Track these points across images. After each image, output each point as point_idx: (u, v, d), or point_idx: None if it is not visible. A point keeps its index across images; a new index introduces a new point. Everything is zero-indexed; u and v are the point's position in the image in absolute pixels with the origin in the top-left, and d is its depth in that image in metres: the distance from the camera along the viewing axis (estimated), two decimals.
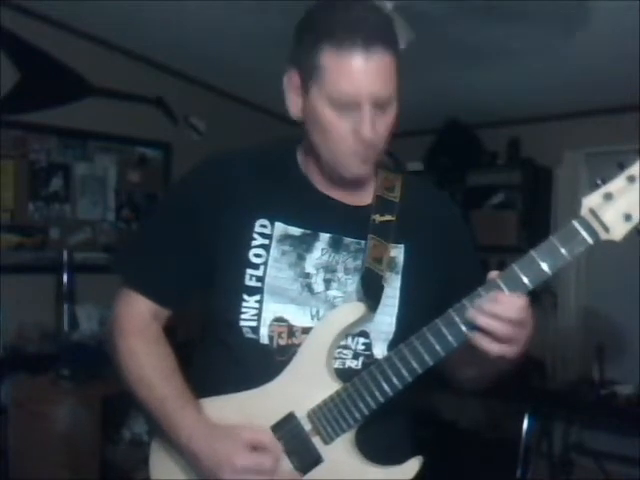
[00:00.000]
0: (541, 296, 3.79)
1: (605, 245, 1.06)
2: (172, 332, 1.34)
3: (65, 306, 3.56)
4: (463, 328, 1.07)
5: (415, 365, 1.10)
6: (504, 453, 3.76)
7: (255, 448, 1.14)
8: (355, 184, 1.22)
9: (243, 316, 1.20)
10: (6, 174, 3.52)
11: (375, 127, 1.10)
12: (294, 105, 1.16)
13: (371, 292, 1.18)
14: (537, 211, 4.23)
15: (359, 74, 1.06)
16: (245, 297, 1.20)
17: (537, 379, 3.73)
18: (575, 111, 3.99)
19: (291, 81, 1.15)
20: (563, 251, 1.04)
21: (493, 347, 1.05)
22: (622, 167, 1.06)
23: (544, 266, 1.05)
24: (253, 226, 1.21)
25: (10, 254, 3.51)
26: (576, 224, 1.04)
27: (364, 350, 1.21)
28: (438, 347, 1.09)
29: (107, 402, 3.18)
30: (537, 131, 4.25)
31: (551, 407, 3.81)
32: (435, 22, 2.98)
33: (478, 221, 3.95)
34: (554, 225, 4.21)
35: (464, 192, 4.32)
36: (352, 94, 1.08)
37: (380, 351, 1.22)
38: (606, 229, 1.03)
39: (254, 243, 1.20)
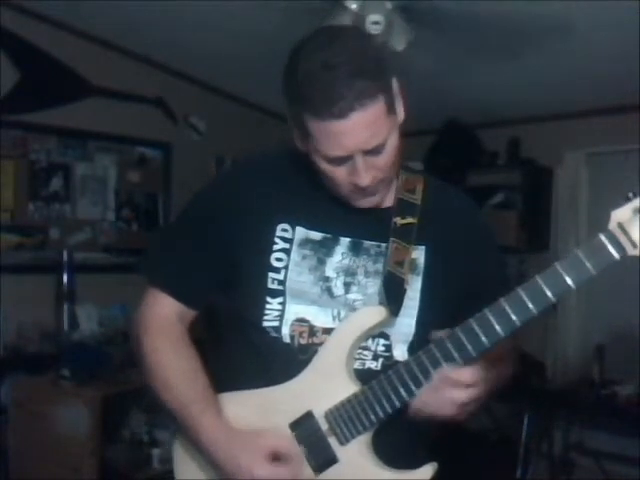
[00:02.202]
0: None
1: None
2: None
3: (65, 306, 3.56)
4: (483, 339, 1.07)
5: (432, 372, 1.11)
6: (504, 453, 3.76)
7: (275, 456, 1.16)
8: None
9: (266, 317, 1.23)
10: (6, 174, 3.51)
11: (372, 167, 1.12)
12: (298, 141, 1.19)
13: (393, 296, 1.19)
14: (537, 211, 4.24)
15: (343, 137, 1.08)
16: (268, 299, 1.23)
17: (537, 379, 3.73)
18: (575, 111, 3.99)
19: (291, 121, 1.17)
20: (588, 265, 1.02)
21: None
22: None
23: (568, 280, 1.03)
24: (275, 230, 1.23)
25: (10, 254, 3.50)
26: (603, 238, 1.01)
27: (384, 351, 1.23)
28: (456, 355, 1.09)
29: (107, 402, 3.18)
30: (537, 131, 4.25)
31: (551, 407, 3.82)
32: (434, 22, 2.98)
33: None
34: (554, 225, 4.22)
35: (464, 192, 4.32)
36: (340, 153, 1.10)
37: (400, 352, 1.23)
38: (634, 244, 1.01)
39: (275, 247, 1.23)
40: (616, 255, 1.01)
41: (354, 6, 2.67)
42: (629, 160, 3.71)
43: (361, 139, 1.08)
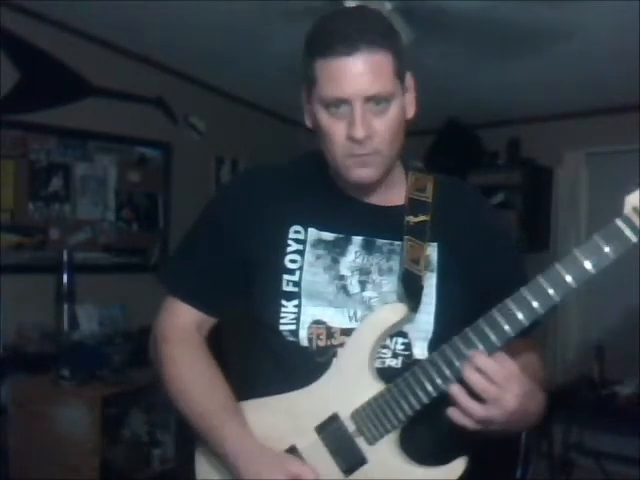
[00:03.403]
0: None
1: None
2: None
3: (65, 306, 3.56)
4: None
5: (459, 365, 1.09)
6: (504, 453, 3.76)
7: None
8: (369, 188, 1.23)
9: (282, 320, 1.23)
10: (6, 174, 3.51)
11: (370, 126, 1.11)
12: (306, 115, 1.21)
13: (411, 293, 1.19)
14: (537, 211, 4.24)
15: (344, 75, 1.09)
16: (284, 302, 1.23)
17: None
18: (575, 111, 3.99)
19: (303, 94, 1.20)
20: (607, 250, 1.02)
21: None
22: None
23: (588, 265, 1.03)
24: (287, 233, 1.24)
25: (10, 254, 3.51)
26: (619, 222, 1.02)
27: (403, 350, 1.22)
28: (480, 345, 1.08)
29: (107, 402, 3.18)
30: (537, 131, 4.25)
31: (551, 407, 3.81)
32: (434, 23, 2.98)
33: None
34: (554, 225, 4.22)
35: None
36: (340, 94, 1.10)
37: (420, 350, 1.22)
38: None
39: (289, 249, 1.24)
40: (634, 238, 1.02)
41: None
42: (629, 160, 3.71)
43: (360, 82, 1.09)
